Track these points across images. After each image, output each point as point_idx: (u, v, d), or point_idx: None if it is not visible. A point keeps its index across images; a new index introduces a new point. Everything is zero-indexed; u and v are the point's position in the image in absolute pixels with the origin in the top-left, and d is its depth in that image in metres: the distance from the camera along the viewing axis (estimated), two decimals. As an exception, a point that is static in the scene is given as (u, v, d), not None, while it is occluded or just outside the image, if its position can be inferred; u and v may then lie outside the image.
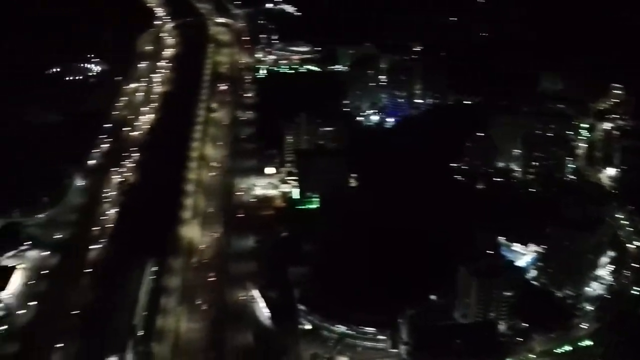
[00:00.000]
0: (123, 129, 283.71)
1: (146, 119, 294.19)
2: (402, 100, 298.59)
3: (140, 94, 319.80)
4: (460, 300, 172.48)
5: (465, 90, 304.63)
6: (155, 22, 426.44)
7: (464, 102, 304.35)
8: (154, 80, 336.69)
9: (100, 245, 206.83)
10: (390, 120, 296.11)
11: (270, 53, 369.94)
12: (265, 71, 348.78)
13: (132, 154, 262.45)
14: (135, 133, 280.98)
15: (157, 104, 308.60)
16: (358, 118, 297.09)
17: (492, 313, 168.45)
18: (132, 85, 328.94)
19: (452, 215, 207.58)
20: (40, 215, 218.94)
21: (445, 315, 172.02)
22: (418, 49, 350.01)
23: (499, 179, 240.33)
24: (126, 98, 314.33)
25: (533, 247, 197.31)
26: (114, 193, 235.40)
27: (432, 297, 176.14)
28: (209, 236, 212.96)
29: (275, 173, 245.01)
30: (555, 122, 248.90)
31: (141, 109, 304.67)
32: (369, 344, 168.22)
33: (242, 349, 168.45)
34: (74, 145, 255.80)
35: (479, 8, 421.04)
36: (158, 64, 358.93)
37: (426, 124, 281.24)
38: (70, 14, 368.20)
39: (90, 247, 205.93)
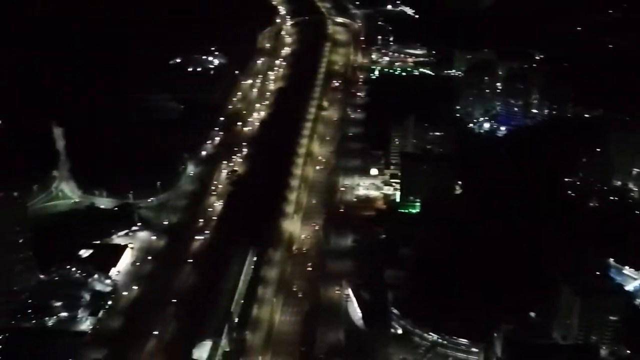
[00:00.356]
0: (236, 121, 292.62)
1: (259, 113, 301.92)
2: (517, 109, 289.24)
3: (255, 89, 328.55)
4: (560, 320, 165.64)
5: (587, 102, 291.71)
6: (276, 19, 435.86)
7: (584, 115, 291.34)
8: (269, 76, 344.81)
9: (206, 232, 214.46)
10: (503, 129, 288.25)
11: (385, 54, 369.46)
12: (377, 72, 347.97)
13: (242, 147, 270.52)
14: (248, 127, 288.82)
15: (270, 99, 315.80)
16: (469, 125, 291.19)
17: (594, 336, 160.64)
18: (249, 80, 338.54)
19: (561, 231, 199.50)
20: (152, 199, 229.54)
21: (543, 334, 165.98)
22: (539, 57, 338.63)
23: (614, 198, 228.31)
24: (242, 92, 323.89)
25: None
26: (223, 183, 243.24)
27: (531, 314, 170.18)
28: (309, 231, 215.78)
29: (379, 174, 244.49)
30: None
31: (255, 103, 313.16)
32: (460, 355, 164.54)
33: (332, 346, 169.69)
34: (190, 134, 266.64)
35: (607, 19, 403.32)
36: (275, 60, 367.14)
37: (541, 135, 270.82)
38: (195, 6, 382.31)
39: (196, 233, 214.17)
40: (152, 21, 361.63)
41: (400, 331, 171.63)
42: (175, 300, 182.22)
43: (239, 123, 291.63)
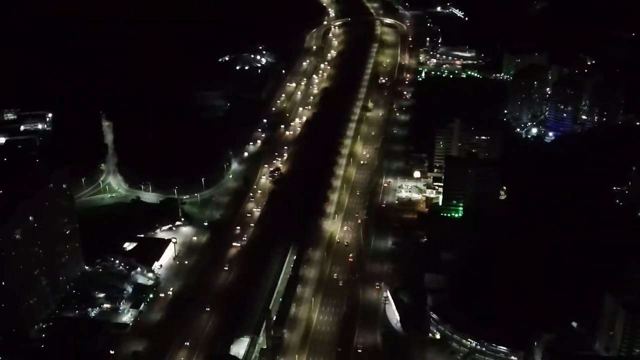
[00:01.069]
0: (281, 120, 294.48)
1: (304, 113, 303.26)
2: (567, 114, 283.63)
3: (301, 88, 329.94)
4: (603, 331, 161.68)
5: (638, 110, 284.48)
6: (325, 19, 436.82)
7: (636, 123, 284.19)
8: (315, 75, 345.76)
9: (248, 230, 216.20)
10: (551, 135, 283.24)
11: (433, 56, 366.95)
12: (424, 74, 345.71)
13: (287, 146, 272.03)
14: (292, 126, 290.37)
15: (316, 99, 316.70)
16: (517, 129, 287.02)
17: (637, 349, 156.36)
18: (295, 79, 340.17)
19: (607, 240, 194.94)
20: (196, 195, 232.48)
21: (585, 345, 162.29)
22: (590, 62, 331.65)
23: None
24: (288, 91, 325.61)
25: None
26: (266, 181, 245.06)
27: (574, 323, 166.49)
28: (350, 232, 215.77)
29: (422, 177, 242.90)
30: None
31: (300, 102, 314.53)
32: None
33: (369, 348, 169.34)
34: (236, 132, 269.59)
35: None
36: (322, 60, 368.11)
37: (590, 142, 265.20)
38: (244, 6, 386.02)
39: (238, 230, 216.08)
40: (202, 19, 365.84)
41: (438, 336, 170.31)
42: (215, 297, 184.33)
43: (284, 122, 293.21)
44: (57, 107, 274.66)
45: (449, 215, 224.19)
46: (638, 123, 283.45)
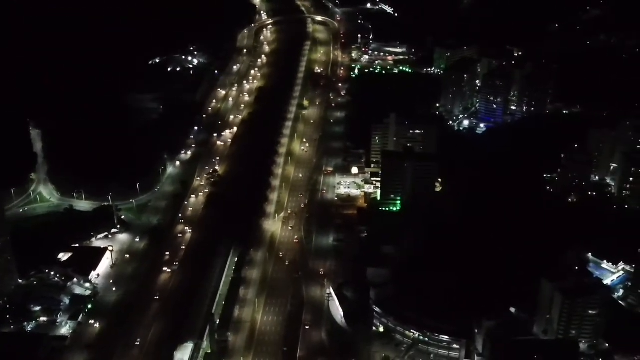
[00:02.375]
0: (217, 121, 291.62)
1: (240, 113, 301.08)
2: (497, 106, 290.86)
3: (235, 89, 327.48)
4: (541, 316, 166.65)
5: (565, 99, 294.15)
6: (257, 18, 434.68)
7: (563, 112, 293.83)
8: (249, 75, 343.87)
9: (187, 234, 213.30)
10: (483, 126, 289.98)
11: (365, 53, 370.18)
12: (358, 71, 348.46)
13: (223, 147, 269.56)
14: (228, 127, 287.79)
15: (251, 99, 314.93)
16: (449, 122, 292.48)
17: (574, 331, 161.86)
18: (229, 80, 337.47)
19: (541, 227, 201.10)
20: (132, 201, 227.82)
21: (524, 329, 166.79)
22: (518, 54, 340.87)
23: (592, 194, 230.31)
24: (222, 92, 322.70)
25: (623, 266, 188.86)
26: (204, 183, 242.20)
27: (512, 309, 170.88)
28: (291, 231, 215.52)
29: (360, 173, 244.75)
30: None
31: (235, 103, 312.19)
32: (442, 352, 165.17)
33: (315, 345, 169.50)
34: (170, 134, 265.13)
35: (587, 17, 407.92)
36: (256, 59, 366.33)
37: (520, 132, 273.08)
38: (174, 7, 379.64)
39: (176, 234, 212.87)
40: (131, 22, 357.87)
41: (382, 329, 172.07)
42: (156, 303, 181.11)
43: (219, 123, 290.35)
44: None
45: (387, 209, 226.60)
46: (566, 112, 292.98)
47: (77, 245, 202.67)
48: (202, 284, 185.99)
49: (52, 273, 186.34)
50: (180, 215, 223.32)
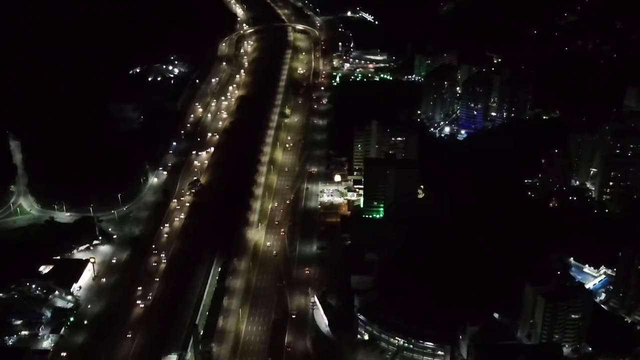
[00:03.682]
0: (199, 130, 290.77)
1: (221, 121, 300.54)
2: (477, 112, 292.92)
3: (217, 97, 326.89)
4: (525, 320, 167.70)
5: (545, 104, 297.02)
6: (238, 27, 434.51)
7: (543, 117, 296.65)
8: (231, 84, 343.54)
9: (169, 243, 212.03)
10: (464, 132, 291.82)
11: (346, 61, 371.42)
12: (339, 79, 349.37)
13: (205, 155, 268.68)
14: (210, 135, 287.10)
15: (232, 107, 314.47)
16: (431, 129, 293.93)
17: (557, 335, 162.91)
18: (210, 88, 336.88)
19: (523, 232, 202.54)
20: (113, 211, 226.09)
21: (508, 334, 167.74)
22: (497, 60, 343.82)
23: (573, 198, 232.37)
24: (204, 100, 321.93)
25: (604, 270, 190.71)
26: (186, 192, 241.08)
27: (495, 314, 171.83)
28: (274, 240, 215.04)
29: (343, 180, 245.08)
30: (637, 141, 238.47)
31: (216, 111, 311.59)
32: (426, 358, 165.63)
33: (300, 354, 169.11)
34: (151, 144, 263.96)
35: (564, 22, 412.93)
36: (237, 68, 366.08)
37: (501, 137, 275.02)
38: (154, 16, 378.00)
39: (159, 244, 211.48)
40: (111, 32, 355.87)
41: (367, 337, 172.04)
42: (139, 314, 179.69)
43: (201, 132, 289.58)
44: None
45: (371, 216, 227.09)
46: (545, 117, 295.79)
47: (59, 257, 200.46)
48: (185, 294, 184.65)
49: (33, 286, 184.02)
50: (162, 225, 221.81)
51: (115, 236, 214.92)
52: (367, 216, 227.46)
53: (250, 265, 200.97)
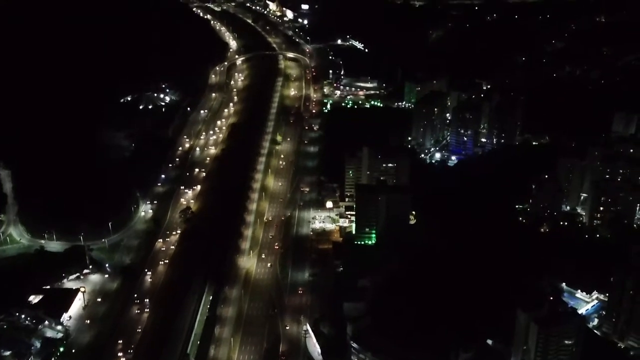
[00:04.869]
0: (189, 157, 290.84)
1: (212, 148, 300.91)
2: (467, 138, 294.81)
3: (208, 125, 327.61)
4: (518, 347, 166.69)
5: (534, 130, 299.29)
6: (229, 55, 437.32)
7: (532, 142, 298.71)
8: (222, 111, 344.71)
9: (161, 272, 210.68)
10: (454, 159, 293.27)
11: (337, 88, 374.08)
12: (330, 106, 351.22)
13: (196, 183, 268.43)
14: (201, 163, 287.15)
15: (224, 135, 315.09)
16: (421, 155, 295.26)
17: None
18: (201, 115, 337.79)
19: (514, 257, 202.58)
20: (104, 240, 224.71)
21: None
22: (486, 87, 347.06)
23: (564, 223, 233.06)
24: (195, 128, 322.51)
25: (597, 295, 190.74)
26: (177, 220, 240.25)
27: (489, 341, 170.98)
28: (266, 267, 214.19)
29: (335, 207, 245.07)
30: (626, 166, 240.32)
31: (208, 138, 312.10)
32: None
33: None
34: (142, 172, 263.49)
35: (552, 49, 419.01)
36: (228, 95, 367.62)
37: (491, 163, 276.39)
38: (146, 44, 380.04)
39: (150, 273, 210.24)
40: (102, 59, 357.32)
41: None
42: (130, 344, 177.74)
43: (192, 160, 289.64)
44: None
45: (363, 243, 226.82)
46: (535, 142, 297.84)
47: (48, 286, 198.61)
48: (176, 323, 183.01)
49: (23, 316, 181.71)
50: (153, 253, 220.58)
51: (107, 265, 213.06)
52: (359, 242, 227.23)
53: (242, 293, 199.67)
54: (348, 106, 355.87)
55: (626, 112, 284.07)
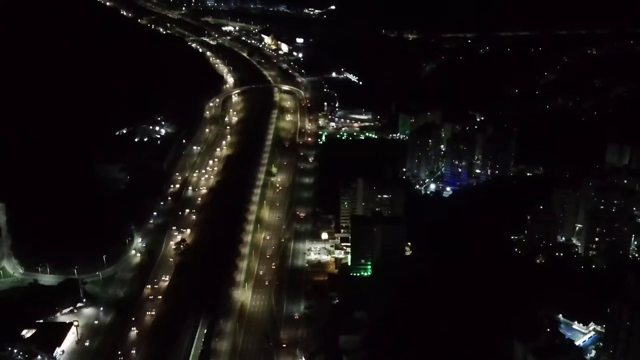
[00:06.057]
0: (184, 190, 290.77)
1: (208, 181, 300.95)
2: (462, 169, 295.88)
3: (203, 157, 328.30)
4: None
5: (528, 161, 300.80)
6: (224, 88, 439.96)
7: (527, 173, 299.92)
8: (217, 143, 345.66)
9: (155, 305, 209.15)
10: (449, 190, 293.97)
11: (332, 120, 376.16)
12: (324, 137, 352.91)
13: (191, 215, 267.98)
14: (196, 194, 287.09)
15: (219, 166, 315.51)
16: (416, 186, 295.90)
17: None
18: (197, 148, 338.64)
19: (510, 288, 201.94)
20: (98, 273, 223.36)
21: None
22: (480, 118, 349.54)
23: (559, 254, 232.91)
24: (190, 160, 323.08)
25: (593, 326, 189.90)
26: (172, 253, 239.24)
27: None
28: (261, 300, 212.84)
29: (330, 238, 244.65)
30: (620, 197, 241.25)
31: (203, 171, 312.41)
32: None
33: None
34: (136, 204, 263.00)
35: (544, 82, 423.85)
36: (223, 127, 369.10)
37: (486, 194, 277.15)
38: (141, 77, 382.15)
39: (145, 306, 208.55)
40: (97, 92, 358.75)
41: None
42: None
43: (187, 192, 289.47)
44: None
45: (358, 274, 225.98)
46: (529, 173, 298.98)
47: (41, 320, 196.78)
48: (170, 356, 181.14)
49: (15, 350, 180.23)
50: (147, 286, 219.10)
51: (100, 298, 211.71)
52: (355, 274, 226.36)
53: (237, 326, 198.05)
54: (343, 138, 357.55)
55: (619, 143, 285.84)
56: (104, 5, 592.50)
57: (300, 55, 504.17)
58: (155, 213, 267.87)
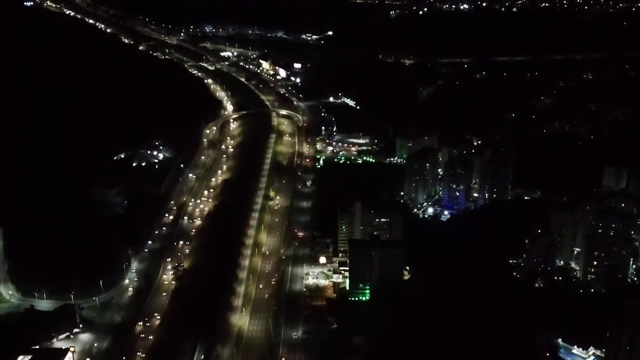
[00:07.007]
0: (182, 214, 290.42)
1: (205, 205, 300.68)
2: (459, 193, 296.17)
3: (201, 181, 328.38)
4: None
5: (525, 185, 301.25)
6: (222, 112, 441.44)
7: (524, 197, 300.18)
8: (215, 168, 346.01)
9: (152, 330, 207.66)
10: (447, 213, 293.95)
11: (329, 144, 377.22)
12: (322, 161, 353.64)
13: (189, 240, 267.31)
14: (194, 219, 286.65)
15: (216, 191, 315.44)
16: (414, 210, 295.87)
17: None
18: (195, 173, 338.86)
19: (509, 313, 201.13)
20: (95, 298, 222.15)
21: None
22: (477, 142, 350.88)
23: (558, 278, 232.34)
24: (188, 185, 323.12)
25: (593, 351, 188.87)
26: (169, 277, 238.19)
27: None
28: (258, 325, 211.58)
29: (328, 262, 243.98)
30: (618, 220, 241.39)
31: (201, 195, 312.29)
32: None
33: None
34: (134, 229, 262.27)
35: (540, 105, 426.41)
36: (221, 152, 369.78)
37: (484, 218, 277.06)
38: (140, 102, 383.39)
39: (141, 331, 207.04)
40: (95, 116, 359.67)
41: None
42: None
43: (184, 216, 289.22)
44: None
45: (357, 298, 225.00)
46: (527, 197, 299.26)
47: (38, 346, 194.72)
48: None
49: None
50: (144, 311, 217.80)
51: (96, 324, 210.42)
52: (353, 298, 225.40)
53: (234, 352, 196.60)
54: (340, 162, 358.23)
55: (616, 167, 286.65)
56: (104, 32, 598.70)
57: (298, 80, 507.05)
58: (152, 238, 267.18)
